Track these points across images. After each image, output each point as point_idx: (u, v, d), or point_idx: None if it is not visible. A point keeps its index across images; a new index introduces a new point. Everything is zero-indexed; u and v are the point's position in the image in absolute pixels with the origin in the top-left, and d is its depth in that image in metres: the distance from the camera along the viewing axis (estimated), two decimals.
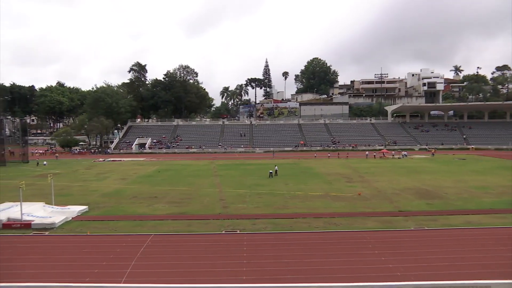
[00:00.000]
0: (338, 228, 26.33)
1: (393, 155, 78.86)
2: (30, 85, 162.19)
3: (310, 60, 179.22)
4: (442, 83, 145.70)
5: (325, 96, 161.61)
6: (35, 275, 18.36)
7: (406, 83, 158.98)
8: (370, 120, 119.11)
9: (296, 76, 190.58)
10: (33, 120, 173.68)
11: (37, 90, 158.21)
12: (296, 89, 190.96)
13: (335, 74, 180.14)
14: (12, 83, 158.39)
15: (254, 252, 21.65)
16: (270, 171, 50.78)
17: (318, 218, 29.10)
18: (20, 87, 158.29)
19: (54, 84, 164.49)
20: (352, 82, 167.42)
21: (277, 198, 36.92)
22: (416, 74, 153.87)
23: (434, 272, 18.41)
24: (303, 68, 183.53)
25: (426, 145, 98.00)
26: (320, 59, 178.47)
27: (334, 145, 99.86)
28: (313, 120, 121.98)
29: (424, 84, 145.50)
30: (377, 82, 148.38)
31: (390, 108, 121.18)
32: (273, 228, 26.41)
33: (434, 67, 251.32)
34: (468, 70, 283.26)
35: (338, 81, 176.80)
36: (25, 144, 79.23)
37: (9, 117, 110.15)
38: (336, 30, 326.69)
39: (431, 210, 31.37)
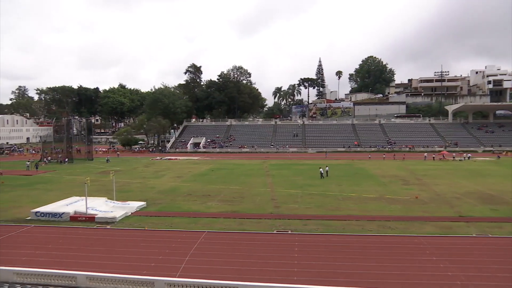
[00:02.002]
0: (393, 232, 25.44)
1: (453, 157, 74.66)
2: (95, 87, 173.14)
3: (365, 58, 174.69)
4: (509, 80, 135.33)
5: (381, 95, 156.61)
6: (100, 265, 19.60)
7: (468, 81, 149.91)
8: (429, 120, 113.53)
9: (350, 75, 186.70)
10: (97, 120, 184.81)
11: (101, 91, 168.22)
12: (350, 88, 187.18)
13: (391, 72, 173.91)
14: (79, 86, 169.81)
15: (306, 253, 21.55)
16: (321, 170, 50.14)
17: (372, 221, 28.34)
18: (86, 89, 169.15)
19: (116, 86, 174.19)
20: (409, 80, 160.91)
21: (329, 199, 36.43)
22: (480, 72, 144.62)
23: (498, 283, 17.26)
24: (357, 67, 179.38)
25: (492, 147, 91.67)
26: (375, 57, 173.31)
27: (389, 146, 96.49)
28: (367, 120, 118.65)
29: (489, 82, 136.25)
30: (437, 80, 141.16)
31: (451, 108, 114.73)
32: (325, 230, 26.11)
33: (500, 63, 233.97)
34: None
35: (394, 80, 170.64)
36: (90, 143, 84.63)
37: (77, 117, 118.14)
38: (391, 27, 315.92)
39: (496, 217, 29.36)
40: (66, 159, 73.19)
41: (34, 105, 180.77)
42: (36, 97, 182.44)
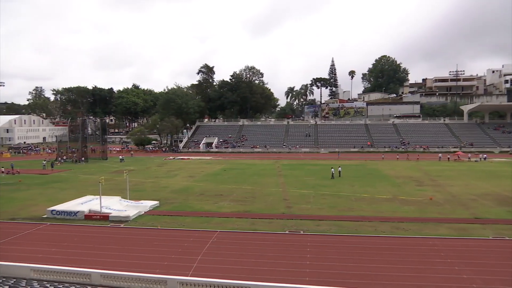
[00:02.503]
0: (407, 234, 25.18)
1: (469, 157, 73.50)
2: (109, 87, 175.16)
3: (379, 58, 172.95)
4: None
5: (394, 95, 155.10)
6: (114, 263, 19.86)
7: (485, 80, 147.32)
8: (444, 120, 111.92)
9: (363, 75, 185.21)
10: (111, 120, 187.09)
11: (115, 92, 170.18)
12: (363, 88, 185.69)
13: (405, 72, 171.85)
14: (94, 86, 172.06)
15: (318, 253, 21.49)
16: (332, 170, 49.88)
17: (385, 222, 28.10)
18: (101, 90, 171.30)
19: (130, 86, 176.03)
20: (424, 80, 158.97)
21: (341, 200, 36.24)
22: (496, 71, 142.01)
23: None
24: (370, 66, 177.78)
25: (509, 148, 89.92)
26: (389, 57, 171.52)
27: (403, 147, 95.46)
28: (381, 120, 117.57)
29: (506, 81, 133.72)
30: (452, 80, 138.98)
31: (466, 108, 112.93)
32: (337, 231, 25.99)
33: None
34: None
35: (408, 80, 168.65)
36: (104, 142, 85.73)
37: (91, 117, 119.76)
38: (404, 25, 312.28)
39: None
40: (82, 159, 74.32)
41: (50, 105, 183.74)
42: (52, 98, 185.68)
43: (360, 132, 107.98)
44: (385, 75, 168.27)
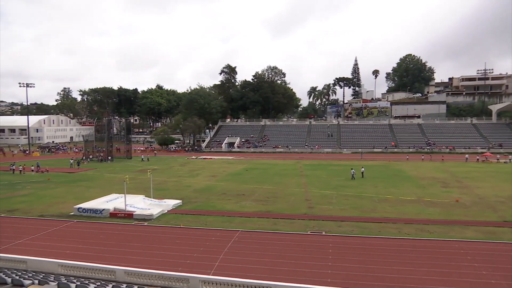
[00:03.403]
0: (432, 236, 24.62)
1: (498, 159, 71.17)
2: (134, 88, 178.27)
3: (403, 57, 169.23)
4: None
5: (419, 94, 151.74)
6: (137, 261, 20.25)
7: None
8: (471, 120, 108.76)
9: (387, 74, 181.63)
10: (135, 120, 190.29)
11: (140, 92, 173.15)
12: (387, 88, 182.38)
13: (430, 71, 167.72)
14: (119, 87, 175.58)
15: (340, 255, 21.30)
16: (353, 171, 49.24)
17: (409, 224, 27.57)
18: (126, 90, 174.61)
19: (154, 86, 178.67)
20: (450, 79, 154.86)
21: (364, 201, 35.77)
22: None
23: None
24: (395, 65, 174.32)
25: None
26: (414, 55, 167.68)
27: (428, 147, 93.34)
28: (405, 120, 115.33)
29: None
30: (480, 79, 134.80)
31: (495, 107, 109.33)
32: (360, 232, 25.68)
33: None
34: None
35: (434, 79, 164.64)
36: (129, 142, 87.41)
37: (116, 117, 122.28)
38: (429, 23, 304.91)
39: None
40: (108, 158, 76.07)
41: (77, 106, 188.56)
42: (79, 98, 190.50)
43: (384, 132, 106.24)
44: (410, 74, 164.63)
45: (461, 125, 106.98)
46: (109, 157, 76.38)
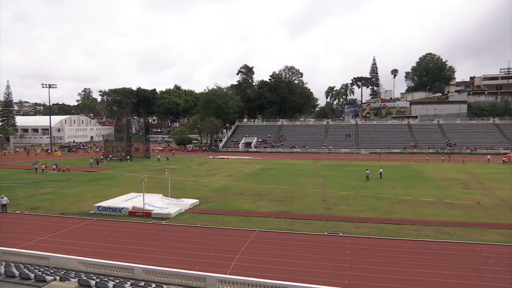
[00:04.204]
0: (452, 239, 24.13)
1: None
2: (152, 88, 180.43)
3: (423, 56, 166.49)
4: None
5: (440, 94, 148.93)
6: (155, 259, 20.50)
7: None
8: (494, 120, 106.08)
9: (407, 73, 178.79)
10: (154, 120, 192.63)
11: (158, 93, 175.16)
12: (406, 87, 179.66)
13: (451, 70, 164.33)
14: (138, 87, 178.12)
15: (358, 256, 21.09)
16: (367, 172, 48.60)
17: (428, 226, 27.10)
18: (144, 91, 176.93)
19: (172, 87, 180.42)
20: (471, 78, 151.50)
21: (383, 202, 35.34)
22: None
23: None
24: (414, 64, 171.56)
25: None
26: (434, 54, 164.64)
27: (449, 148, 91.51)
28: (425, 121, 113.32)
29: None
30: (503, 78, 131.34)
31: None
32: (378, 233, 25.38)
33: None
34: None
35: (454, 78, 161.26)
36: (147, 142, 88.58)
37: (135, 117, 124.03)
38: (449, 21, 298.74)
39: None
40: (127, 157, 77.29)
41: (97, 106, 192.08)
42: (99, 98, 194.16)
43: (403, 132, 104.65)
44: (430, 74, 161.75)
45: (483, 125, 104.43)
46: (128, 157, 77.58)
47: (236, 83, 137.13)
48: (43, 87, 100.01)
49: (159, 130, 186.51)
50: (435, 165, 65.62)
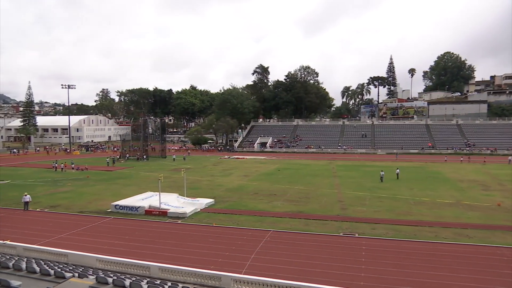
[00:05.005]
0: (471, 241, 23.67)
1: None
2: (168, 88, 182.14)
3: (441, 55, 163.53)
4: None
5: (459, 94, 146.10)
6: (171, 258, 20.68)
7: None
8: None
9: (424, 73, 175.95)
10: (170, 120, 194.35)
11: (174, 93, 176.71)
12: (424, 87, 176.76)
13: (470, 69, 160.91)
14: (154, 88, 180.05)
15: (374, 258, 20.87)
16: (382, 173, 47.90)
17: (446, 228, 26.63)
18: (161, 91, 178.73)
19: (187, 87, 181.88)
20: (492, 77, 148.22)
21: (399, 203, 34.89)
22: None
23: None
24: (432, 64, 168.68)
25: None
26: (452, 53, 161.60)
27: (468, 148, 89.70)
28: (443, 121, 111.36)
29: None
30: None
31: None
32: (394, 235, 25.06)
33: None
34: None
35: (474, 77, 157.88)
36: (163, 141, 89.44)
37: (152, 117, 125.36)
38: (467, 19, 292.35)
39: None
40: (144, 156, 78.24)
41: (115, 106, 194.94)
42: (116, 99, 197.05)
43: (420, 132, 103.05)
44: (449, 73, 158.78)
45: (504, 125, 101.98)
46: (145, 156, 78.53)
47: (252, 83, 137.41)
48: (62, 87, 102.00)
49: (175, 130, 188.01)
50: (454, 166, 64.44)
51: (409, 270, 19.04)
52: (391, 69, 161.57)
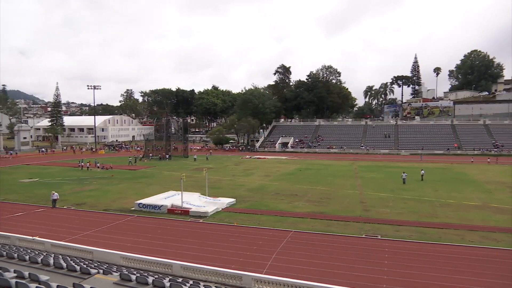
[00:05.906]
0: (499, 245, 22.93)
1: None
2: (191, 89, 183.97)
3: (468, 53, 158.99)
4: None
5: (486, 93, 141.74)
6: (193, 256, 20.89)
7: None
8: None
9: (450, 71, 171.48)
10: (192, 120, 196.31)
11: (196, 93, 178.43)
12: (449, 86, 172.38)
13: (499, 67, 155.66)
14: (177, 88, 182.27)
15: (397, 260, 20.53)
16: (403, 175, 46.74)
17: (473, 231, 25.93)
18: (183, 91, 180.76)
19: (209, 87, 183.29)
20: None
21: (424, 205, 34.18)
22: None
23: None
24: (458, 62, 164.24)
25: None
26: (480, 51, 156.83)
27: (496, 149, 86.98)
28: (470, 121, 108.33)
29: None
30: None
31: None
32: (418, 237, 24.56)
33: None
34: None
35: (503, 76, 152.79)
36: (186, 141, 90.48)
37: (175, 117, 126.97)
38: (495, 15, 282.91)
39: None
40: (166, 156, 79.38)
41: (138, 106, 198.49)
42: (140, 99, 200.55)
43: (446, 133, 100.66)
44: (476, 72, 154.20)
45: None
46: (167, 156, 79.66)
47: (273, 83, 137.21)
48: (88, 88, 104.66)
49: (197, 130, 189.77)
50: (481, 167, 62.62)
51: (434, 274, 18.62)
52: (415, 68, 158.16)
